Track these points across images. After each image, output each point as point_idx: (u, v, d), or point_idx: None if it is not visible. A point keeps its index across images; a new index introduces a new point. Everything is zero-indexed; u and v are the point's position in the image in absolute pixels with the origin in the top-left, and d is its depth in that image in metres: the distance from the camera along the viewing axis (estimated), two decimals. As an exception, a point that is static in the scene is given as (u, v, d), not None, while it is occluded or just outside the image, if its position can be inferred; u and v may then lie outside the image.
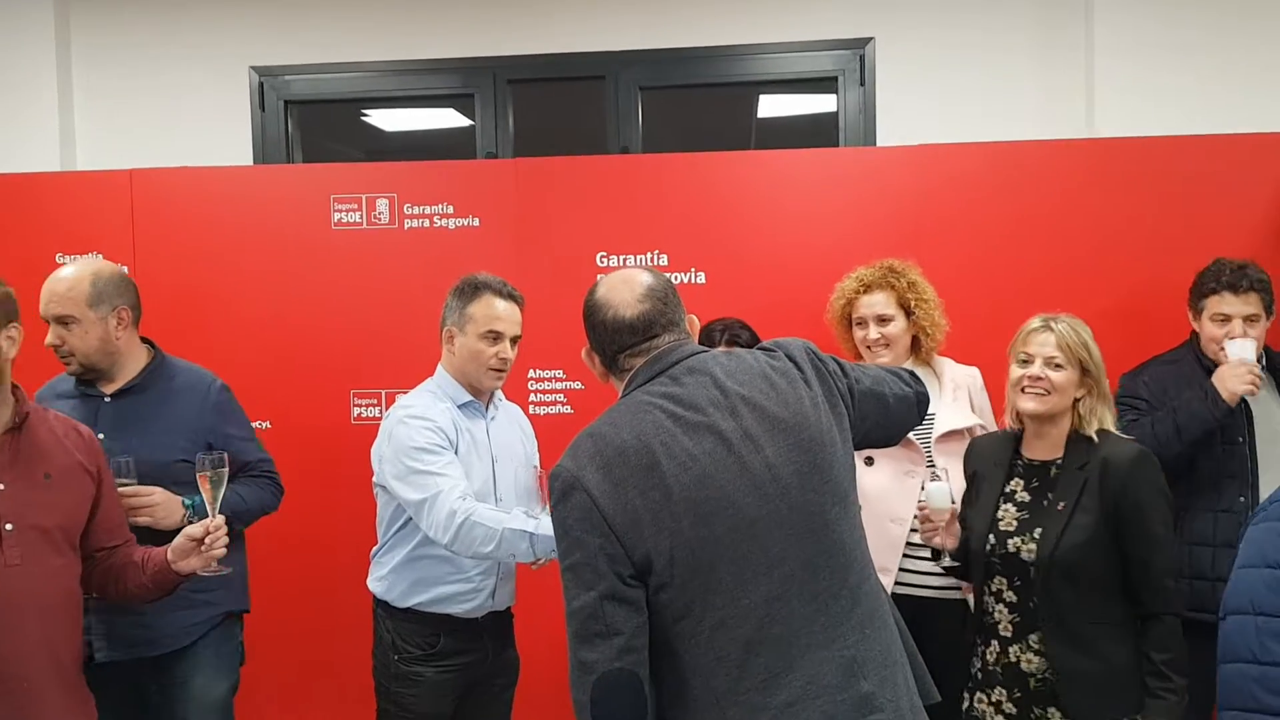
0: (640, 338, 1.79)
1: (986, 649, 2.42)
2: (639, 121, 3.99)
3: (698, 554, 1.63)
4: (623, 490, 1.64)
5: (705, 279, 3.45)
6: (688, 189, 3.47)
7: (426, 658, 2.62)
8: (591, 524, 1.64)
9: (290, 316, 3.53)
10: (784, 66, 3.96)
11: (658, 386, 1.75)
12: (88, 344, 2.58)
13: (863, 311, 2.98)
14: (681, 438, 1.68)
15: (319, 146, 4.31)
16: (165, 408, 2.63)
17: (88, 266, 2.65)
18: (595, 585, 1.62)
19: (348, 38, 3.99)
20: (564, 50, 3.93)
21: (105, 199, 3.59)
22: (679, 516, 1.63)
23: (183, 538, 2.27)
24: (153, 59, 4.04)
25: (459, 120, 4.28)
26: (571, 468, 1.68)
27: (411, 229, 3.52)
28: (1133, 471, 2.30)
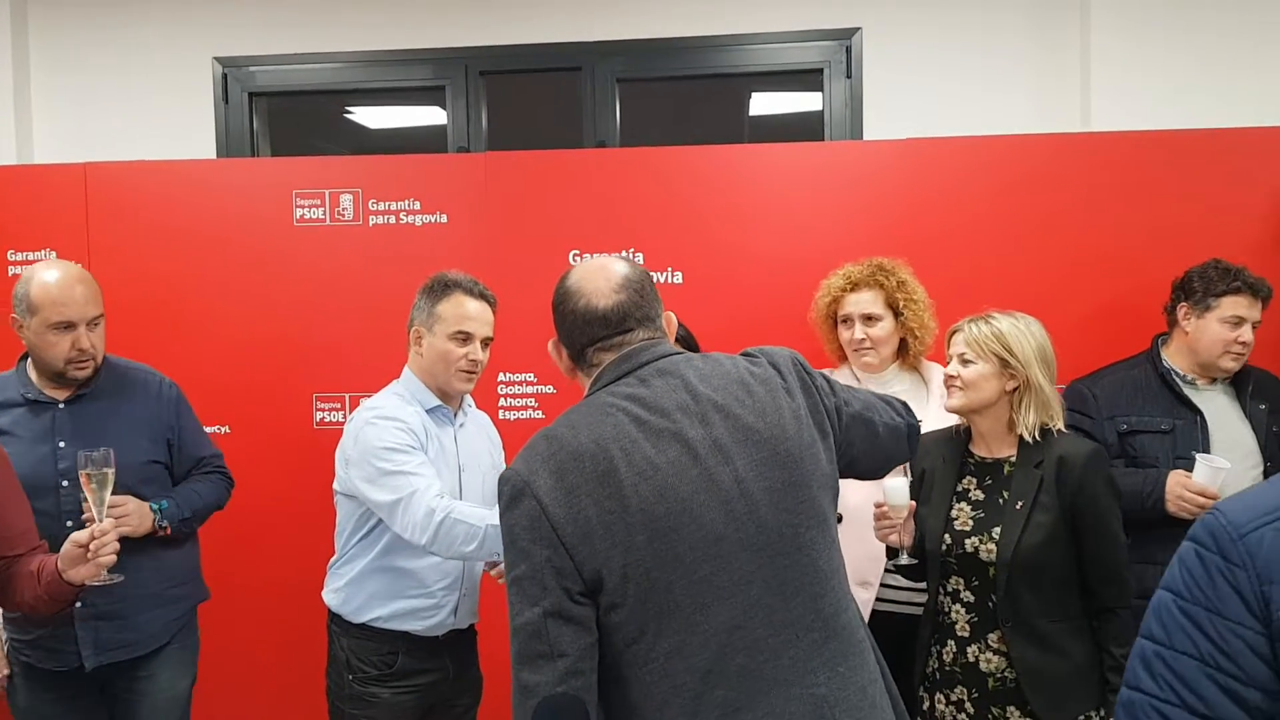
0: (612, 330, 1.67)
1: (943, 649, 2.40)
2: (616, 115, 3.87)
3: (653, 572, 1.50)
4: (575, 498, 1.51)
5: (682, 278, 3.34)
6: (664, 184, 3.36)
7: (383, 678, 2.50)
8: (539, 534, 1.51)
9: (251, 316, 3.41)
10: (768, 58, 3.85)
11: (624, 387, 1.62)
12: (103, 347, 2.57)
13: (849, 310, 2.87)
14: (644, 444, 1.55)
15: (297, 142, 4.19)
16: (123, 409, 2.58)
17: (77, 267, 2.60)
18: (540, 600, 1.49)
19: (315, 27, 3.88)
20: (539, 40, 3.82)
21: (59, 194, 3.47)
22: (635, 530, 1.50)
23: (70, 544, 2.12)
24: (113, 50, 3.92)
25: (437, 116, 4.17)
26: (522, 471, 1.55)
27: (376, 225, 3.40)
28: (1088, 469, 2.31)
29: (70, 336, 2.46)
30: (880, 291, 2.85)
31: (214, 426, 3.34)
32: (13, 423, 2.49)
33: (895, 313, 2.85)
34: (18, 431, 2.48)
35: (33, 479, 2.38)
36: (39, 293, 2.46)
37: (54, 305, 2.45)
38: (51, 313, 2.45)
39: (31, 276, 2.51)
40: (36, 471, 2.40)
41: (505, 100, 3.98)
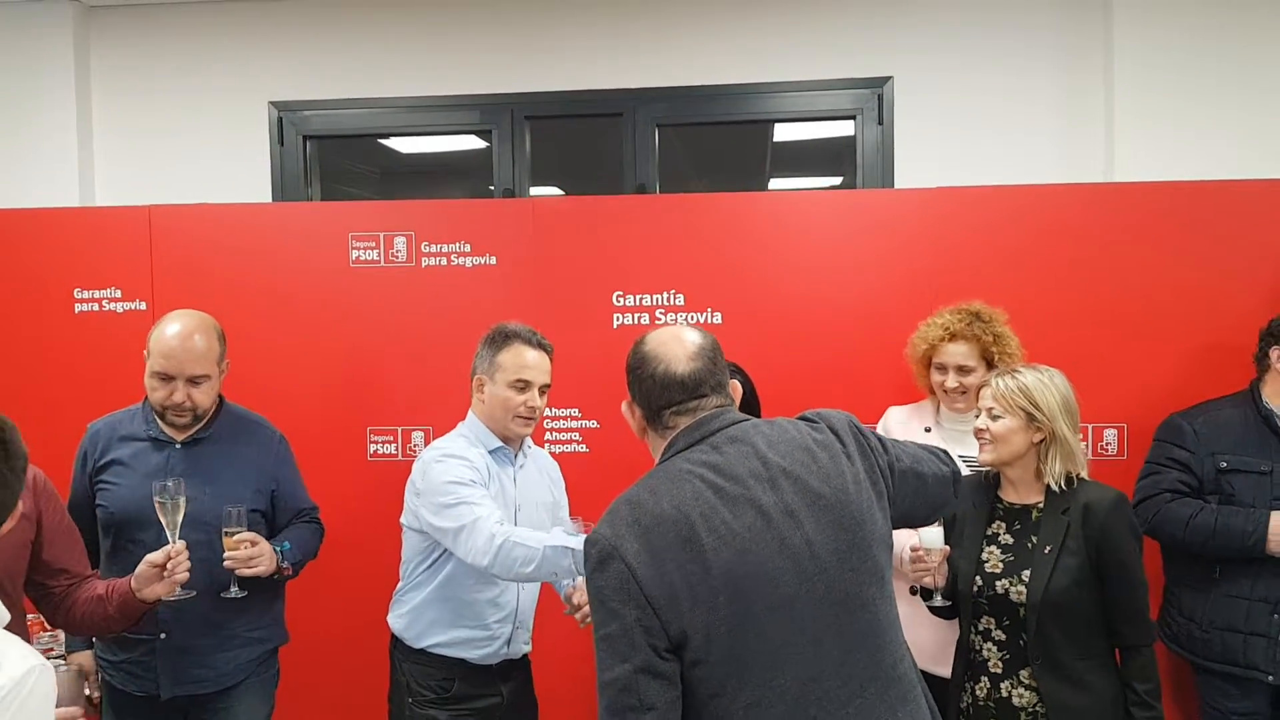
0: (689, 395, 1.81)
1: (975, 685, 2.56)
2: (656, 158, 4.05)
3: (734, 631, 1.64)
4: (660, 562, 1.64)
5: (722, 319, 3.50)
6: (705, 228, 3.52)
7: (441, 701, 2.68)
8: (628, 595, 1.63)
9: (308, 354, 3.59)
10: (802, 104, 4.04)
11: (698, 454, 1.75)
12: (209, 399, 2.70)
13: (944, 359, 3.03)
14: (721, 510, 1.68)
15: (335, 171, 4.37)
16: (234, 455, 2.74)
17: (206, 321, 2.72)
18: (630, 658, 1.62)
19: (367, 73, 4.07)
20: (582, 87, 4.01)
21: (124, 235, 3.66)
22: (716, 592, 1.63)
23: (145, 565, 2.34)
24: (172, 95, 4.12)
25: (475, 143, 4.34)
26: (609, 535, 1.67)
27: (429, 267, 3.58)
28: (1112, 517, 2.47)
29: (168, 388, 2.62)
30: (976, 345, 2.99)
31: (273, 459, 3.52)
32: (132, 456, 2.67)
33: (988, 364, 2.98)
34: (134, 465, 2.66)
35: (138, 512, 2.57)
36: (156, 339, 2.64)
37: (160, 356, 2.61)
38: (157, 362, 2.62)
39: (163, 321, 2.68)
40: (143, 506, 2.54)
41: (549, 144, 4.17)
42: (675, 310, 3.51)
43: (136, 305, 3.66)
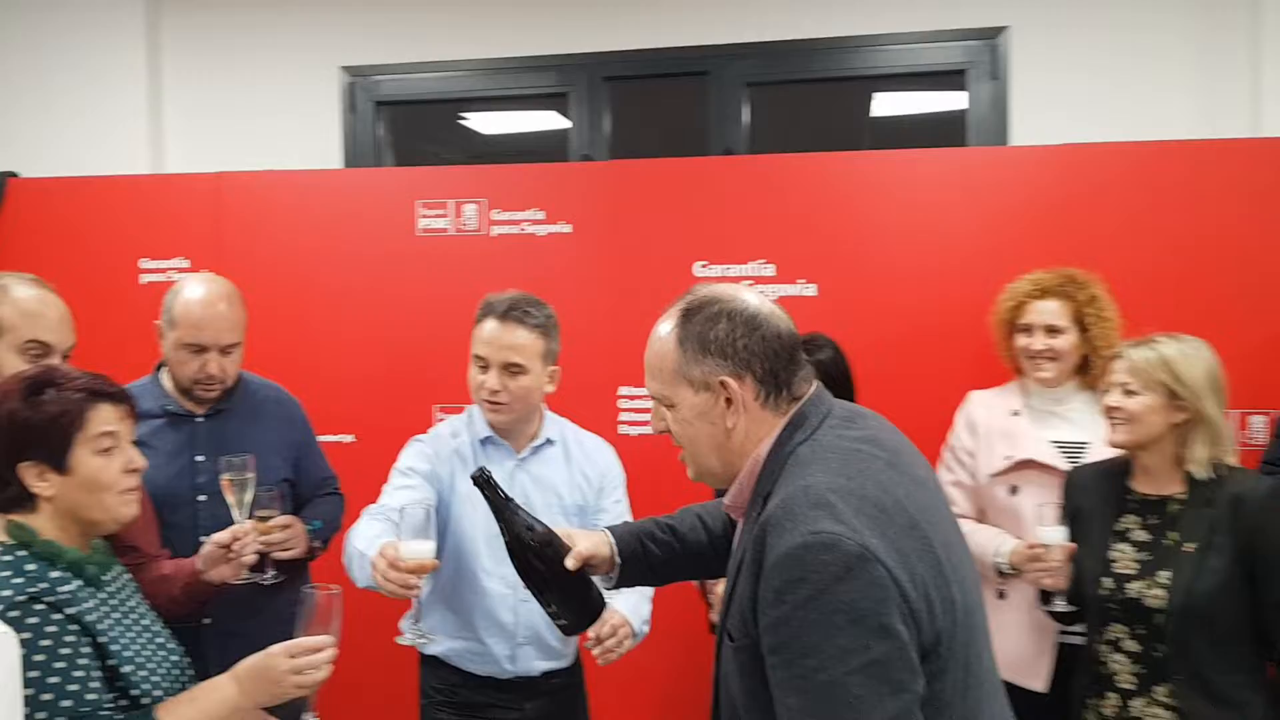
0: (802, 359, 1.54)
1: (1102, 701, 2.28)
2: (744, 121, 3.79)
3: (963, 632, 1.38)
4: (906, 557, 1.33)
5: (816, 291, 3.26)
6: (796, 192, 3.29)
7: (449, 704, 2.49)
8: (895, 605, 1.30)
9: (374, 325, 3.47)
10: (906, 59, 3.72)
11: (839, 429, 1.48)
12: (238, 368, 2.57)
13: (1031, 318, 2.76)
14: (912, 489, 1.42)
15: (412, 149, 4.24)
16: (258, 426, 2.60)
17: (229, 285, 2.57)
18: (911, 685, 1.29)
19: (440, 36, 3.90)
20: (664, 45, 3.76)
21: (192, 203, 3.59)
22: (950, 585, 1.36)
23: (211, 545, 2.21)
24: (243, 61, 4.02)
25: (560, 122, 4.16)
26: (847, 532, 1.31)
27: (500, 235, 3.41)
28: (1268, 510, 2.16)
29: (200, 359, 2.48)
30: (1068, 303, 2.73)
31: (339, 435, 3.40)
32: (150, 434, 2.50)
33: (1081, 328, 2.73)
34: (155, 444, 2.48)
35: (169, 492, 2.43)
36: (181, 309, 2.49)
37: (190, 326, 2.46)
38: (186, 333, 2.47)
39: (180, 289, 2.53)
40: (173, 485, 2.44)
41: (629, 106, 3.94)
42: (764, 281, 3.26)
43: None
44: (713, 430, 1.51)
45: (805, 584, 1.29)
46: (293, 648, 1.74)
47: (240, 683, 1.74)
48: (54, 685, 1.60)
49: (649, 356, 1.57)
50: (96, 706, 1.63)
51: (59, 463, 1.72)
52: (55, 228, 3.63)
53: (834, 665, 1.27)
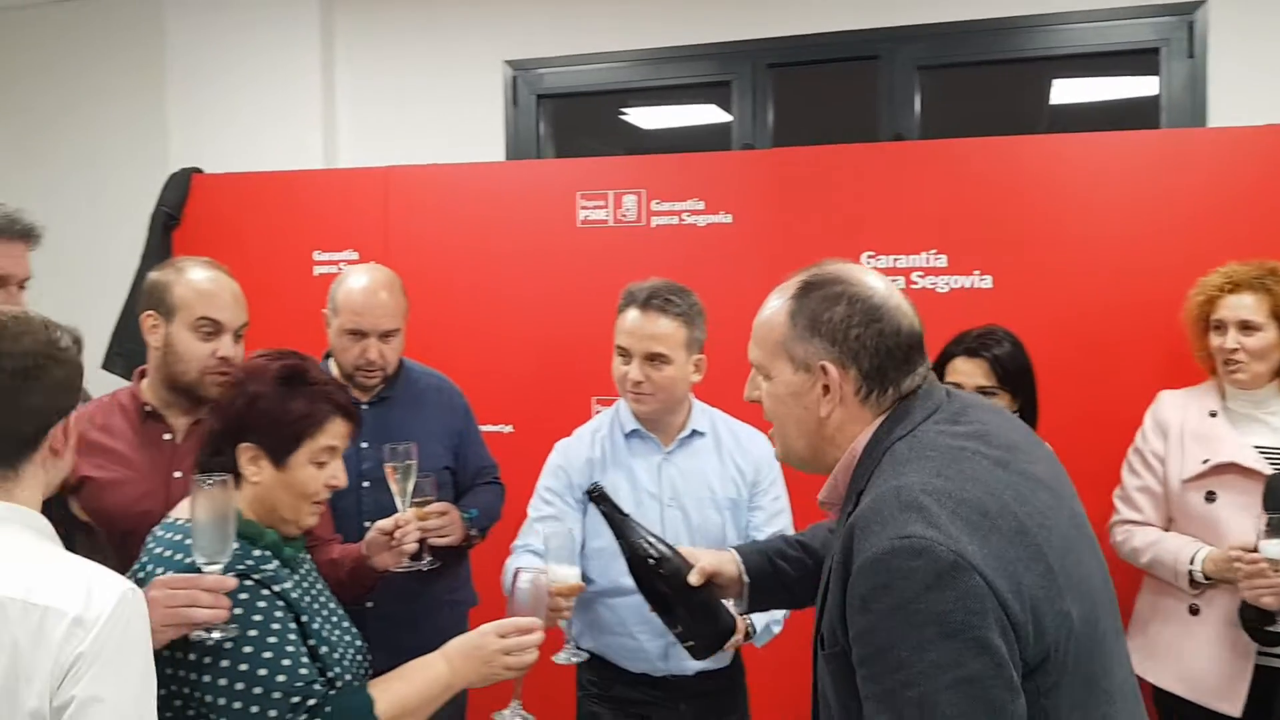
0: (921, 357, 1.44)
1: None
2: (916, 106, 3.63)
3: (1082, 642, 1.26)
4: (1008, 565, 1.22)
5: (991, 282, 3.10)
6: (970, 179, 3.14)
7: (603, 698, 2.46)
8: (994, 618, 1.19)
9: (534, 316, 3.49)
10: (1091, 38, 3.49)
11: (946, 426, 1.38)
12: (397, 356, 2.60)
13: (1224, 314, 2.56)
14: (1023, 490, 1.31)
15: (572, 142, 4.25)
16: (420, 414, 2.62)
17: (390, 274, 2.63)
18: (1008, 705, 1.19)
19: (601, 27, 3.90)
20: (832, 29, 3.64)
21: (362, 196, 3.68)
22: (1064, 593, 1.25)
23: (374, 532, 2.23)
24: (411, 56, 4.11)
25: (719, 115, 4.10)
26: (941, 539, 1.21)
27: (659, 226, 3.38)
28: None
29: (361, 345, 2.52)
30: (1266, 297, 2.51)
31: (498, 425, 3.43)
32: None
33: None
34: None
35: None
36: (343, 296, 2.54)
37: (351, 312, 2.51)
38: (347, 319, 2.52)
39: (344, 277, 2.60)
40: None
41: (793, 94, 3.84)
42: (936, 273, 3.13)
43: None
44: (804, 414, 1.43)
45: (892, 592, 1.21)
46: (503, 627, 1.74)
47: (451, 661, 1.75)
48: (268, 661, 1.61)
49: (757, 321, 1.49)
50: (309, 681, 1.64)
51: (279, 458, 1.76)
52: (236, 221, 3.79)
53: (924, 681, 1.17)
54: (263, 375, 1.78)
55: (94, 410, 2.19)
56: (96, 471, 2.08)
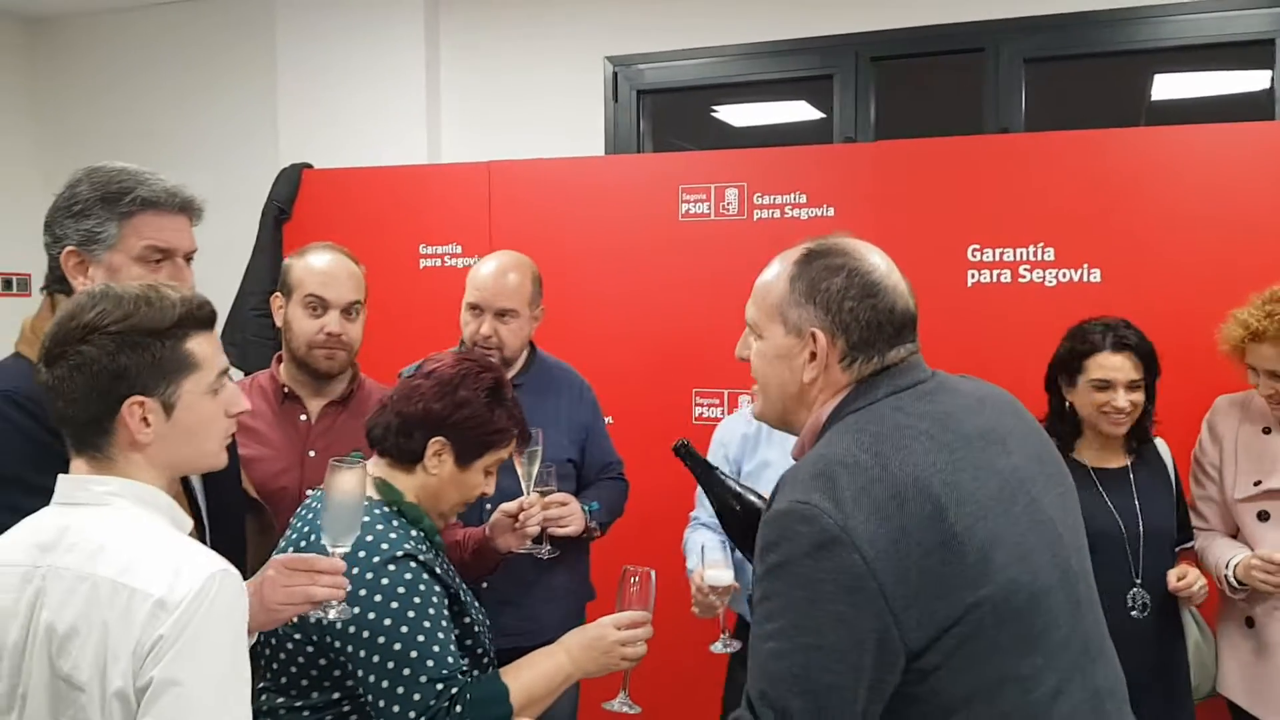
0: (911, 335, 1.48)
1: None
2: (1022, 99, 3.61)
3: (990, 632, 1.29)
4: (901, 548, 1.26)
5: (1100, 276, 3.08)
6: (1078, 173, 3.11)
7: None
8: (864, 596, 1.25)
9: (636, 310, 3.54)
10: (1203, 29, 3.44)
11: (910, 402, 1.41)
12: (517, 340, 2.64)
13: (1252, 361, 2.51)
14: (963, 477, 1.33)
15: (670, 138, 4.31)
16: (549, 405, 2.65)
17: (524, 260, 2.70)
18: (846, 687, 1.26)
19: (701, 23, 3.94)
20: (936, 22, 3.64)
21: (465, 191, 3.78)
22: (971, 583, 1.28)
23: (500, 514, 2.31)
24: (513, 52, 4.21)
25: (810, 113, 4.12)
26: (831, 510, 1.27)
27: (761, 220, 3.41)
28: None
29: (478, 321, 2.58)
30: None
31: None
32: None
33: None
34: None
35: None
36: (471, 274, 2.64)
37: (473, 287, 2.59)
38: (469, 294, 2.60)
39: (483, 258, 2.70)
40: None
41: (895, 88, 3.84)
42: (1043, 266, 3.12)
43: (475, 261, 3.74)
44: (788, 377, 1.48)
45: (778, 549, 1.30)
46: (621, 620, 1.83)
47: (570, 652, 1.84)
48: (421, 645, 1.69)
49: (759, 281, 1.55)
50: (456, 670, 1.72)
51: (465, 459, 1.89)
52: (344, 215, 3.91)
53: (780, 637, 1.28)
54: (476, 383, 1.91)
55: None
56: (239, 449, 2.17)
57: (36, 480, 1.55)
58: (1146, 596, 2.47)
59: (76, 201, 1.74)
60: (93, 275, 1.74)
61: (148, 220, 1.76)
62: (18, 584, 1.35)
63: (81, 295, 1.44)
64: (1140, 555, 2.48)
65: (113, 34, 4.88)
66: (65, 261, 1.75)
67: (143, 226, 1.75)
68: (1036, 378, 3.00)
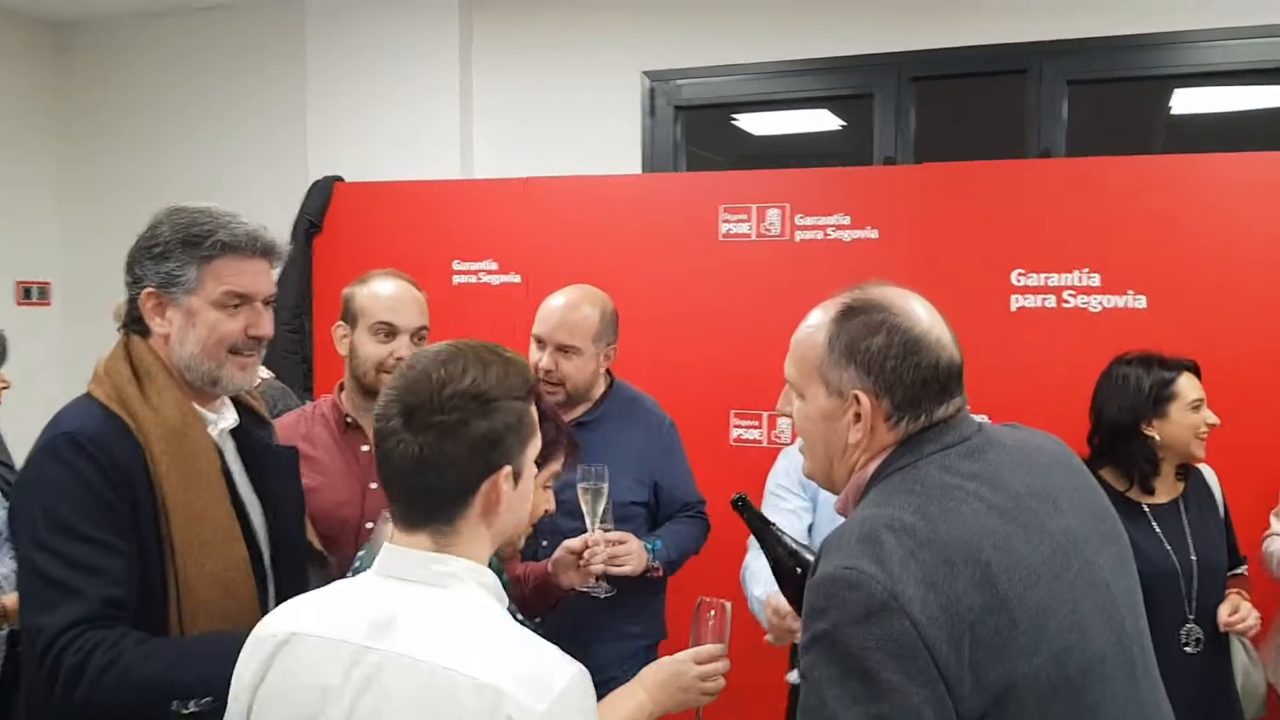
0: (957, 390, 1.42)
1: None
2: (1064, 121, 3.63)
3: (1045, 701, 1.25)
4: (954, 615, 1.23)
5: (1145, 303, 3.10)
6: (1124, 197, 3.14)
7: None
8: (915, 665, 1.21)
9: (674, 329, 3.55)
10: (1250, 55, 3.45)
11: (956, 462, 1.37)
12: (581, 376, 2.59)
13: None
14: (1015, 540, 1.30)
15: (708, 153, 4.32)
16: (618, 441, 2.59)
17: (599, 296, 2.67)
18: None
19: (740, 38, 3.95)
20: (978, 43, 3.65)
21: (501, 207, 3.79)
22: (1026, 653, 1.25)
23: (562, 550, 2.28)
24: (549, 68, 4.21)
25: (829, 123, 4.11)
26: (880, 576, 1.23)
27: (803, 241, 3.43)
28: None
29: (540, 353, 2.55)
30: None
31: (637, 437, 3.49)
32: None
33: None
34: None
35: None
36: (542, 305, 2.61)
37: (539, 320, 2.57)
38: (535, 326, 2.58)
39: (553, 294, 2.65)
40: None
41: (936, 108, 3.86)
42: (1088, 292, 3.13)
43: (511, 278, 3.75)
44: (833, 437, 1.44)
45: (825, 616, 1.25)
46: (700, 654, 1.78)
47: (649, 690, 1.80)
48: None
49: (795, 338, 1.50)
50: None
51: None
52: (376, 229, 3.93)
53: (839, 709, 1.21)
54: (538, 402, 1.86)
55: (295, 420, 2.33)
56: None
57: (84, 529, 1.59)
58: (1200, 632, 2.48)
59: (157, 243, 1.74)
60: (170, 318, 1.74)
61: (228, 264, 1.75)
62: (346, 664, 1.29)
63: (428, 356, 1.38)
64: (1194, 590, 2.49)
65: (141, 41, 4.88)
66: (144, 303, 1.74)
67: (222, 270, 1.74)
68: (1081, 404, 3.02)
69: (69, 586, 1.58)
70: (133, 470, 1.66)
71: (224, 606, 1.70)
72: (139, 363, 1.75)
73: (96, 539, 1.60)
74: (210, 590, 1.69)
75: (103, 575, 1.59)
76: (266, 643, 1.35)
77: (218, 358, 1.75)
